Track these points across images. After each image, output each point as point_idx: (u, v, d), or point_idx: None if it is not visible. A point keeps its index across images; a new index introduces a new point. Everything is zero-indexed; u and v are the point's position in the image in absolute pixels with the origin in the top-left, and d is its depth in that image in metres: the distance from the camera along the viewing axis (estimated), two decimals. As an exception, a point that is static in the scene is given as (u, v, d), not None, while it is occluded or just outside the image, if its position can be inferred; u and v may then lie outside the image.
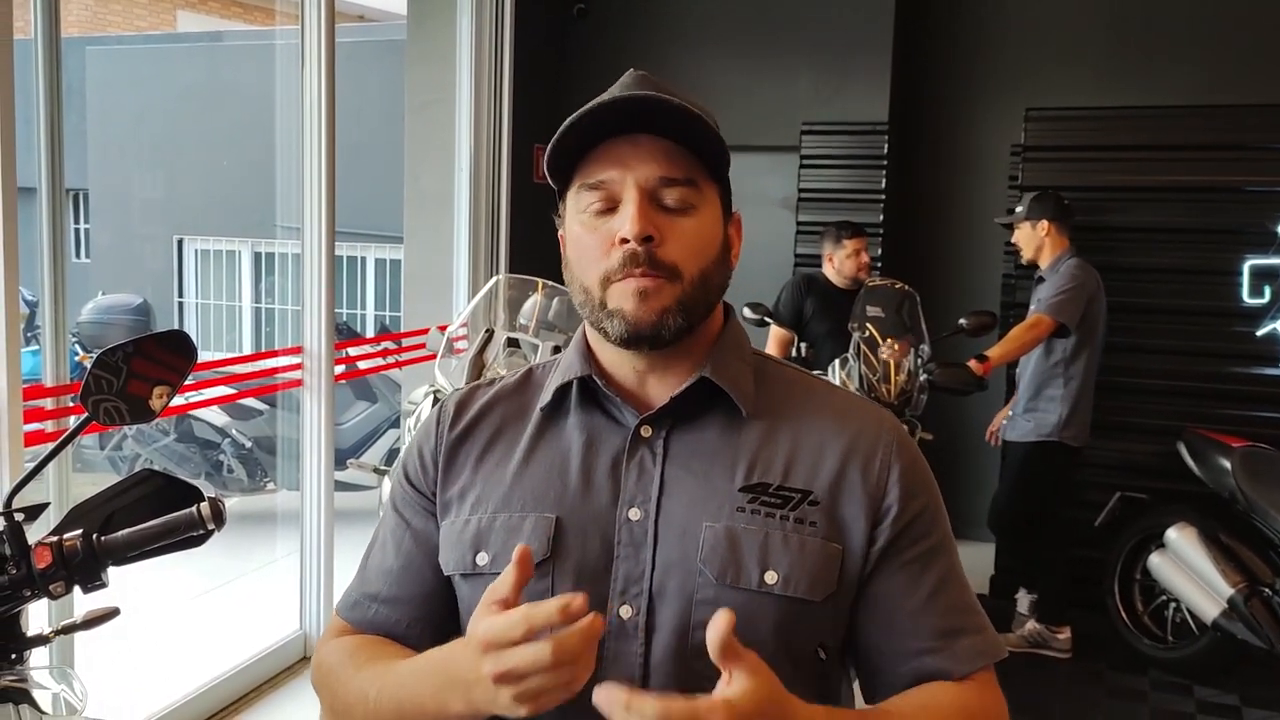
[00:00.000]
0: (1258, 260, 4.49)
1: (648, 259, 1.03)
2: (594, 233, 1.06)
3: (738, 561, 1.03)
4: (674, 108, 1.03)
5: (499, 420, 1.16)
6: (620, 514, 1.06)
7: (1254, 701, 3.96)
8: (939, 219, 5.51)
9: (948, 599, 1.07)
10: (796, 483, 1.06)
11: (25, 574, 1.30)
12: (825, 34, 5.26)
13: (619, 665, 1.03)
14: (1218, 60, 4.84)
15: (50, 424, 2.95)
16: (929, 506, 1.09)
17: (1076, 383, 4.19)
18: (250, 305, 8.48)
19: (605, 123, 1.05)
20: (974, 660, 1.06)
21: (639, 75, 1.10)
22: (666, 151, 1.05)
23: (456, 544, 1.11)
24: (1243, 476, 3.96)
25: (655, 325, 1.04)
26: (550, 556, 1.06)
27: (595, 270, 1.06)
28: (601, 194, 1.06)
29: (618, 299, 1.05)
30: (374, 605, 1.16)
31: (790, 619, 1.03)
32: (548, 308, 3.45)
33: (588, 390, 1.12)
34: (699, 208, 1.06)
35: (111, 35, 11.78)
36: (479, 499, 1.12)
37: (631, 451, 1.08)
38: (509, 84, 4.97)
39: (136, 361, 1.51)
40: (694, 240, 1.06)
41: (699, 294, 1.06)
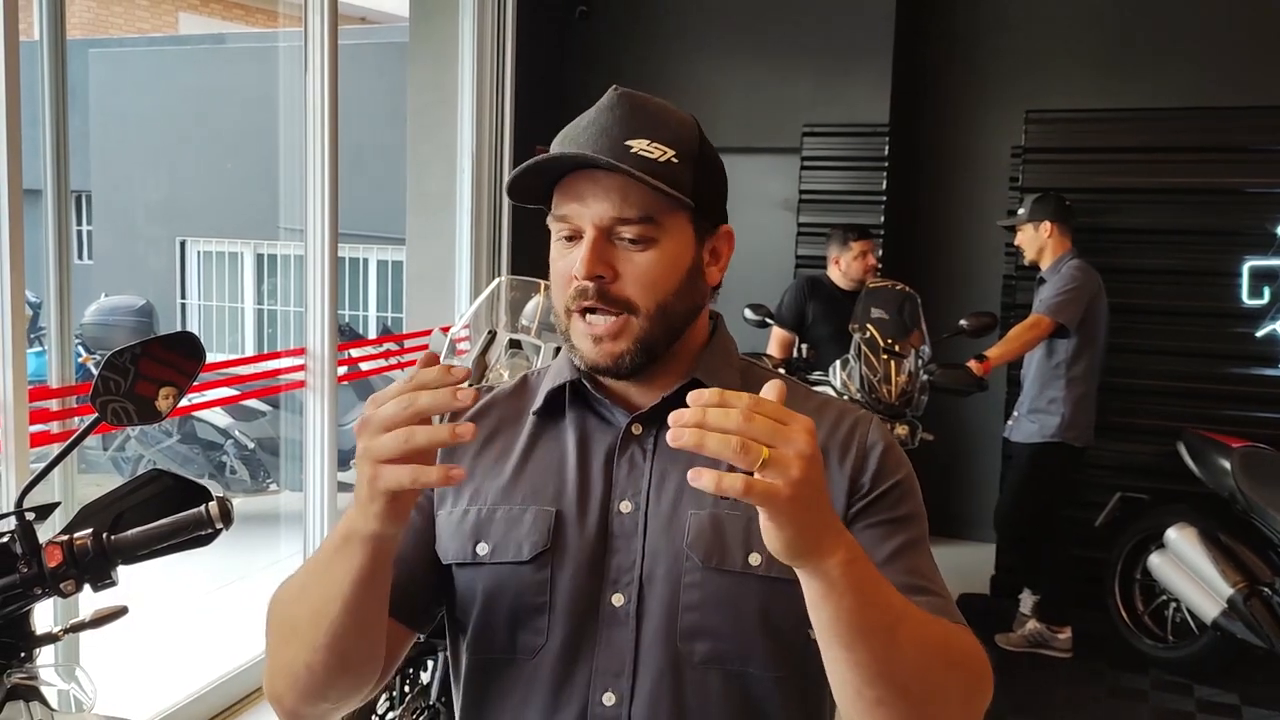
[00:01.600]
0: (1257, 261, 4.51)
1: (598, 294, 1.07)
2: (561, 261, 1.11)
3: (722, 545, 1.07)
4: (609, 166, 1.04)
5: (496, 420, 1.19)
6: (613, 507, 1.11)
7: (1254, 701, 3.97)
8: (940, 221, 5.52)
9: (912, 562, 1.08)
10: None
11: (36, 572, 1.32)
12: (826, 36, 5.27)
13: (611, 651, 1.08)
14: (1217, 62, 4.85)
15: (56, 425, 2.97)
16: (901, 484, 1.12)
17: (1079, 384, 4.21)
18: (253, 307, 8.50)
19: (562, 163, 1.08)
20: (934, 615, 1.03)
21: (618, 96, 1.12)
22: (622, 189, 1.06)
23: (455, 534, 1.14)
24: (1242, 477, 3.97)
25: (612, 367, 1.09)
26: (550, 548, 1.10)
27: (560, 297, 1.11)
28: (567, 226, 1.10)
29: (576, 336, 1.10)
30: None
31: (775, 600, 1.06)
32: (549, 309, 3.47)
33: (579, 393, 1.16)
34: (659, 240, 1.09)
35: (114, 38, 11.80)
36: (476, 491, 1.15)
37: (623, 448, 1.13)
38: (511, 86, 4.98)
39: (144, 363, 1.52)
40: (649, 274, 1.08)
41: (657, 327, 1.09)
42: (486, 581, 1.11)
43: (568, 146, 1.09)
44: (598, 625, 1.08)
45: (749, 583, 1.06)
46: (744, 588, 1.06)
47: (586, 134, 1.09)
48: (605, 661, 1.08)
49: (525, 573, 1.10)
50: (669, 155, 1.08)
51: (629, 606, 1.08)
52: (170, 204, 8.74)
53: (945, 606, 1.08)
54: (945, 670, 0.99)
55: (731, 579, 1.06)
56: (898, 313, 3.95)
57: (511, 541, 1.11)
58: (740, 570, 1.07)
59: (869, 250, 4.53)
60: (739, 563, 1.07)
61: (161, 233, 8.70)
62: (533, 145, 5.28)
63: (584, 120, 1.12)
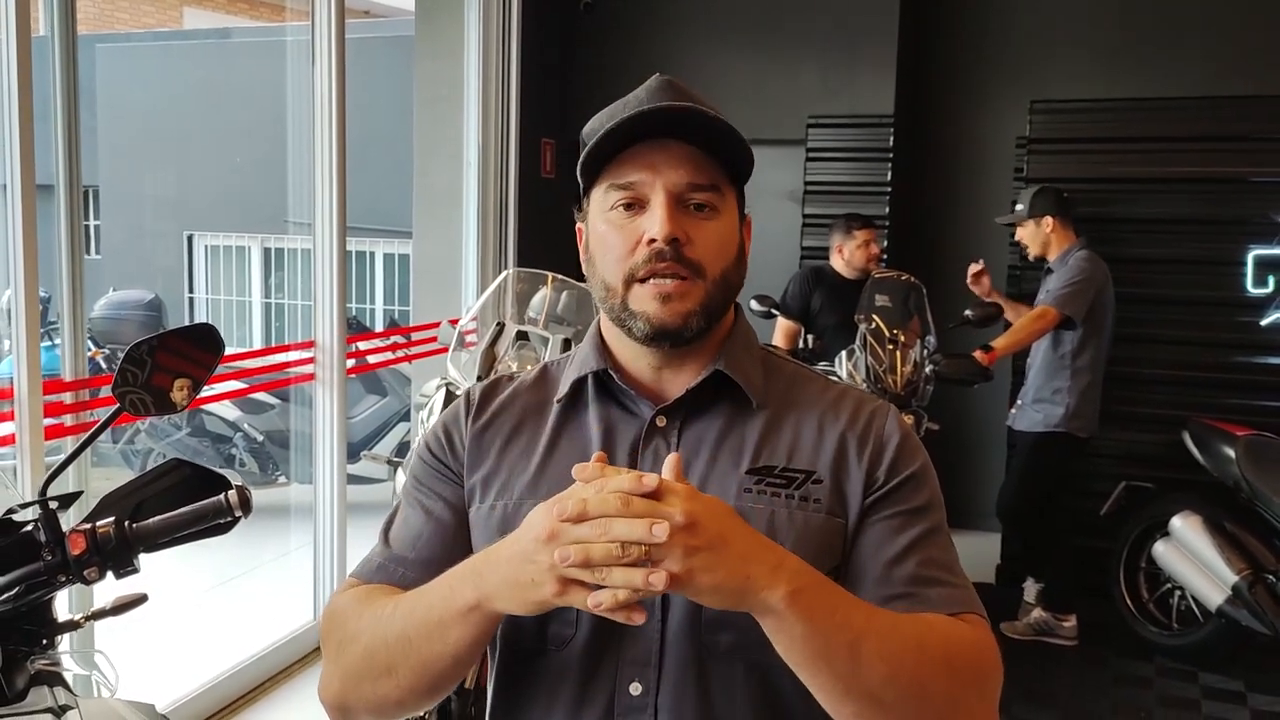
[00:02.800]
0: (1262, 250, 4.52)
1: (674, 256, 1.09)
2: (620, 231, 1.12)
3: None
4: (708, 120, 1.09)
5: (520, 413, 1.21)
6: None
7: (1259, 687, 3.99)
8: (945, 211, 5.54)
9: (927, 554, 1.10)
10: (800, 464, 1.12)
11: (61, 560, 1.34)
12: (831, 28, 5.28)
13: (637, 642, 1.09)
14: (1222, 51, 4.86)
15: (69, 418, 3.00)
16: (917, 473, 1.14)
17: (1085, 374, 4.22)
18: (260, 300, 8.53)
19: (638, 127, 1.10)
20: (946, 606, 1.07)
21: (664, 80, 1.15)
22: (694, 158, 1.10)
23: (485, 529, 1.16)
24: (1247, 465, 3.99)
25: (679, 327, 1.11)
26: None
27: (619, 268, 1.11)
28: (630, 195, 1.11)
29: (641, 300, 1.11)
30: (400, 569, 1.18)
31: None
32: (557, 301, 3.49)
33: (603, 383, 1.18)
34: (721, 211, 1.12)
35: (121, 33, 11.83)
36: (504, 486, 1.17)
37: (647, 440, 1.14)
38: (516, 79, 5.00)
39: (160, 354, 1.55)
40: (717, 241, 1.12)
41: (719, 293, 1.13)
42: None
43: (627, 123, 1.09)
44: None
45: None
46: None
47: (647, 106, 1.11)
48: (632, 652, 1.09)
49: None
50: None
51: (655, 598, 1.06)
52: (177, 199, 8.78)
53: (962, 596, 1.09)
54: (922, 671, 0.99)
55: None
56: (903, 303, 3.97)
57: None
58: None
59: (872, 239, 4.55)
60: None
61: (169, 227, 8.73)
62: (540, 140, 5.30)
63: (632, 101, 1.14)
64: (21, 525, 1.39)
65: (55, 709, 1.35)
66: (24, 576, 1.34)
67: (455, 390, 3.07)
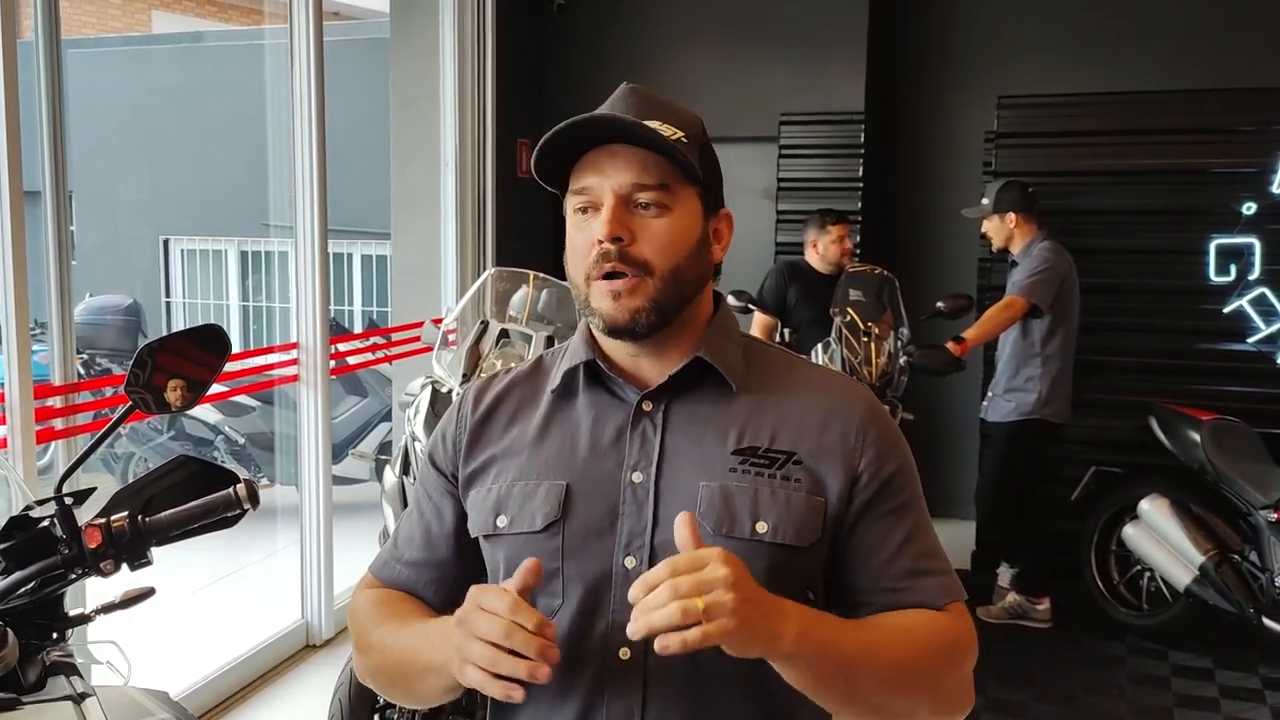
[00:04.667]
0: (1223, 239, 4.65)
1: (619, 256, 1.16)
2: (580, 233, 1.20)
3: (732, 514, 1.16)
4: (636, 134, 1.15)
5: (516, 403, 1.29)
6: (624, 477, 1.20)
7: (1226, 664, 4.11)
8: (916, 205, 5.63)
9: (917, 546, 1.21)
10: (782, 445, 1.20)
11: (78, 553, 1.39)
12: (802, 26, 5.36)
13: (625, 610, 1.14)
14: (1183, 46, 4.98)
15: (59, 421, 3.03)
16: (901, 467, 1.22)
17: (1055, 361, 4.32)
18: (238, 304, 8.53)
19: (588, 135, 1.17)
20: (942, 596, 1.20)
21: (629, 89, 1.24)
22: (641, 159, 1.17)
23: (481, 510, 1.26)
24: (1211, 448, 4.10)
25: (629, 322, 1.18)
26: (561, 517, 1.20)
27: (580, 268, 1.19)
28: (585, 199, 1.19)
29: (597, 299, 1.18)
30: (398, 566, 1.33)
31: (780, 564, 1.16)
32: (538, 299, 3.55)
33: (592, 373, 1.25)
34: (672, 209, 1.18)
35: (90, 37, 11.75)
36: (500, 470, 1.26)
37: (634, 423, 1.22)
38: (492, 80, 5.05)
39: (160, 355, 1.60)
40: (664, 238, 1.18)
41: (670, 289, 1.18)
42: (507, 551, 1.22)
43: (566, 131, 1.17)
44: (613, 585, 1.17)
45: (756, 548, 1.15)
46: (751, 553, 1.14)
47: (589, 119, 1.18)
48: (620, 619, 1.15)
49: (539, 541, 1.19)
50: (680, 135, 1.18)
51: (641, 568, 1.16)
52: (153, 203, 8.74)
53: (949, 584, 1.21)
54: (908, 674, 1.14)
55: (740, 545, 1.14)
56: (876, 296, 4.05)
57: (526, 513, 1.21)
58: (749, 537, 1.16)
59: (845, 234, 4.63)
60: (747, 530, 1.16)
61: (144, 232, 8.71)
62: (516, 140, 5.35)
63: (597, 111, 1.20)
64: (38, 521, 1.44)
65: (75, 696, 1.40)
66: (42, 570, 1.39)
67: (440, 388, 3.13)
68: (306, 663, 4.04)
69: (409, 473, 3.03)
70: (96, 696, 1.42)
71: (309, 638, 4.16)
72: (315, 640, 4.16)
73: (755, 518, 1.16)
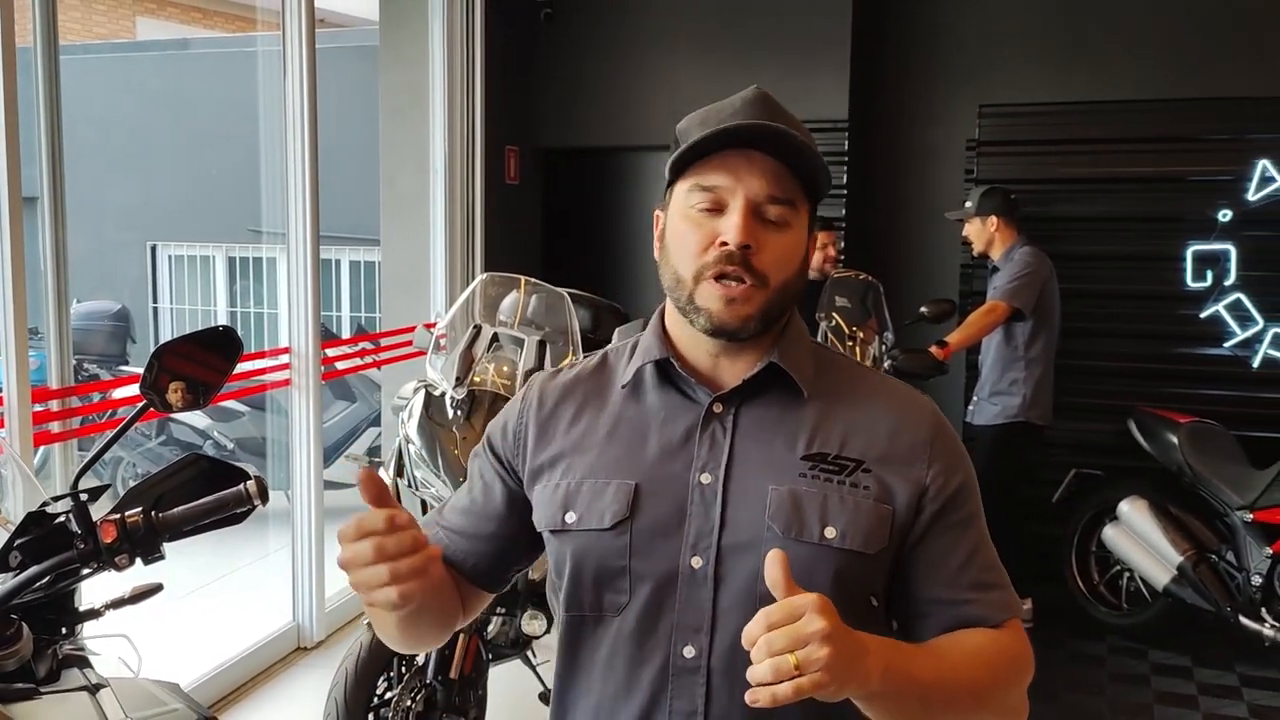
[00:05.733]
0: (1200, 246, 4.74)
1: (742, 262, 1.17)
2: (697, 229, 1.19)
3: (801, 518, 1.17)
4: (797, 142, 1.18)
5: (582, 397, 1.30)
6: (693, 478, 1.21)
7: (1205, 662, 4.19)
8: (899, 212, 5.69)
9: (983, 558, 1.24)
10: (851, 453, 1.21)
11: (93, 548, 1.44)
12: (786, 34, 5.42)
13: (691, 609, 1.19)
14: (1162, 57, 5.06)
15: (56, 425, 3.06)
16: (966, 480, 1.25)
17: (1038, 365, 4.39)
18: (225, 309, 8.53)
19: (727, 138, 1.19)
20: (1004, 611, 1.22)
21: (760, 93, 1.24)
22: (775, 171, 1.18)
23: (548, 505, 1.26)
24: (1189, 451, 4.18)
25: (737, 328, 1.20)
26: (629, 516, 1.21)
27: (691, 263, 1.20)
28: (711, 196, 1.19)
29: (706, 298, 1.19)
30: (438, 529, 1.35)
31: (846, 570, 1.17)
32: (529, 304, 3.60)
33: (663, 371, 1.27)
34: (793, 225, 1.20)
35: (77, 44, 11.73)
36: (568, 467, 1.27)
37: (705, 425, 1.23)
38: (481, 86, 5.09)
39: (167, 357, 1.64)
40: (784, 253, 1.20)
41: (778, 301, 1.21)
42: (574, 547, 1.23)
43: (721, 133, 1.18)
44: (679, 585, 1.19)
45: (824, 553, 1.16)
46: (819, 557, 1.16)
47: (738, 119, 1.19)
48: (685, 618, 1.18)
49: (607, 539, 1.21)
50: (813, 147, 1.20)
51: (707, 569, 1.18)
52: (141, 209, 8.74)
53: (1009, 599, 1.24)
54: (981, 697, 1.17)
55: (808, 549, 1.16)
56: (861, 301, 4.12)
57: (595, 511, 1.22)
58: (817, 542, 1.17)
59: (831, 241, 4.70)
60: (816, 535, 1.17)
61: (132, 238, 8.71)
62: (504, 146, 5.40)
63: (727, 108, 1.23)
64: (54, 518, 1.48)
65: (90, 687, 1.44)
66: (58, 564, 1.44)
67: (433, 392, 3.17)
68: (298, 665, 4.08)
69: (403, 475, 3.07)
70: (111, 687, 1.46)
71: (300, 640, 4.19)
72: (307, 642, 4.19)
73: (824, 523, 1.17)
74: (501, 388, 3.12)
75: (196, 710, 1.50)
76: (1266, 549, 3.90)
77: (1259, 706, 3.86)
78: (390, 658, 2.90)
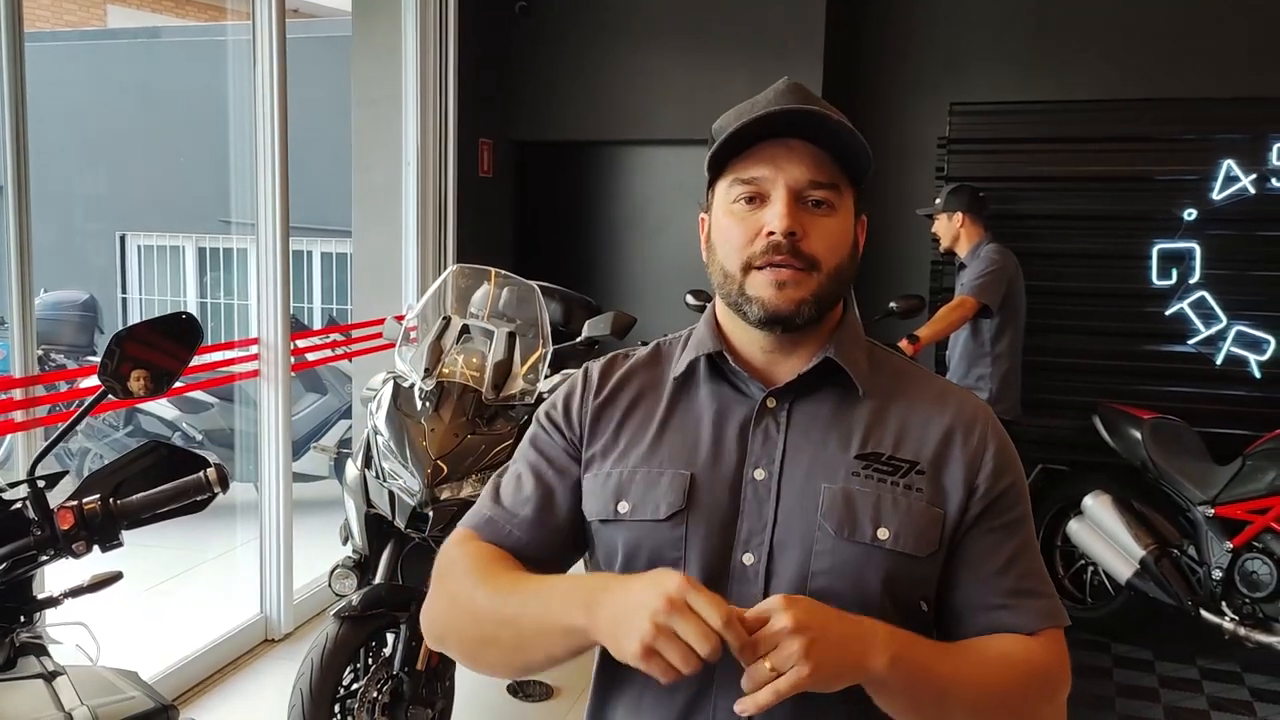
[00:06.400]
0: (1165, 244, 4.79)
1: (790, 250, 1.16)
2: (742, 222, 1.19)
3: (853, 518, 1.16)
4: (831, 122, 1.17)
5: (637, 388, 1.29)
6: (747, 474, 1.20)
7: (1166, 655, 4.25)
8: (870, 208, 5.69)
9: (1024, 565, 1.21)
10: (905, 454, 1.20)
11: (50, 535, 1.43)
12: (760, 31, 5.43)
13: (740, 605, 1.11)
14: (1129, 57, 5.11)
15: (19, 414, 3.04)
16: (1015, 484, 1.23)
17: (1004, 360, 4.43)
18: (195, 300, 8.47)
19: (762, 128, 1.18)
20: (1042, 619, 1.19)
21: (792, 83, 1.23)
22: (815, 157, 1.18)
23: (600, 494, 1.24)
24: (1152, 446, 4.23)
25: (791, 313, 1.18)
26: (685, 508, 1.19)
27: (738, 256, 1.19)
28: (752, 189, 1.18)
29: (757, 287, 1.18)
30: (509, 526, 1.27)
31: (897, 572, 1.16)
32: (499, 297, 3.60)
33: (716, 365, 1.25)
34: (838, 209, 1.20)
35: (45, 31, 11.61)
36: (621, 455, 1.25)
37: (758, 420, 1.22)
38: (454, 79, 5.08)
39: (129, 344, 1.63)
40: (832, 237, 1.19)
41: (832, 285, 1.20)
42: (627, 537, 1.21)
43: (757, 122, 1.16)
44: (729, 581, 1.17)
45: (875, 554, 1.15)
46: (870, 558, 1.15)
47: (774, 107, 1.17)
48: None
49: (662, 530, 1.19)
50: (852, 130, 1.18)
51: (758, 566, 1.17)
52: (109, 198, 8.67)
53: (1051, 608, 1.21)
54: (1003, 705, 1.14)
55: (860, 549, 1.15)
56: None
57: (650, 501, 1.20)
58: (870, 543, 1.15)
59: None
60: (868, 535, 1.15)
61: (100, 227, 8.63)
62: (478, 139, 5.39)
63: (762, 100, 1.21)
64: (10, 504, 1.47)
65: (46, 675, 1.44)
66: (14, 551, 1.43)
67: (402, 383, 3.16)
68: (265, 656, 4.06)
69: (370, 465, 3.07)
70: (67, 675, 1.46)
71: (268, 632, 4.17)
72: (274, 634, 4.17)
73: (877, 524, 1.16)
74: (470, 379, 3.12)
75: (154, 699, 1.50)
76: (1227, 543, 3.95)
77: (1219, 699, 3.91)
78: (357, 649, 2.90)
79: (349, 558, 3.14)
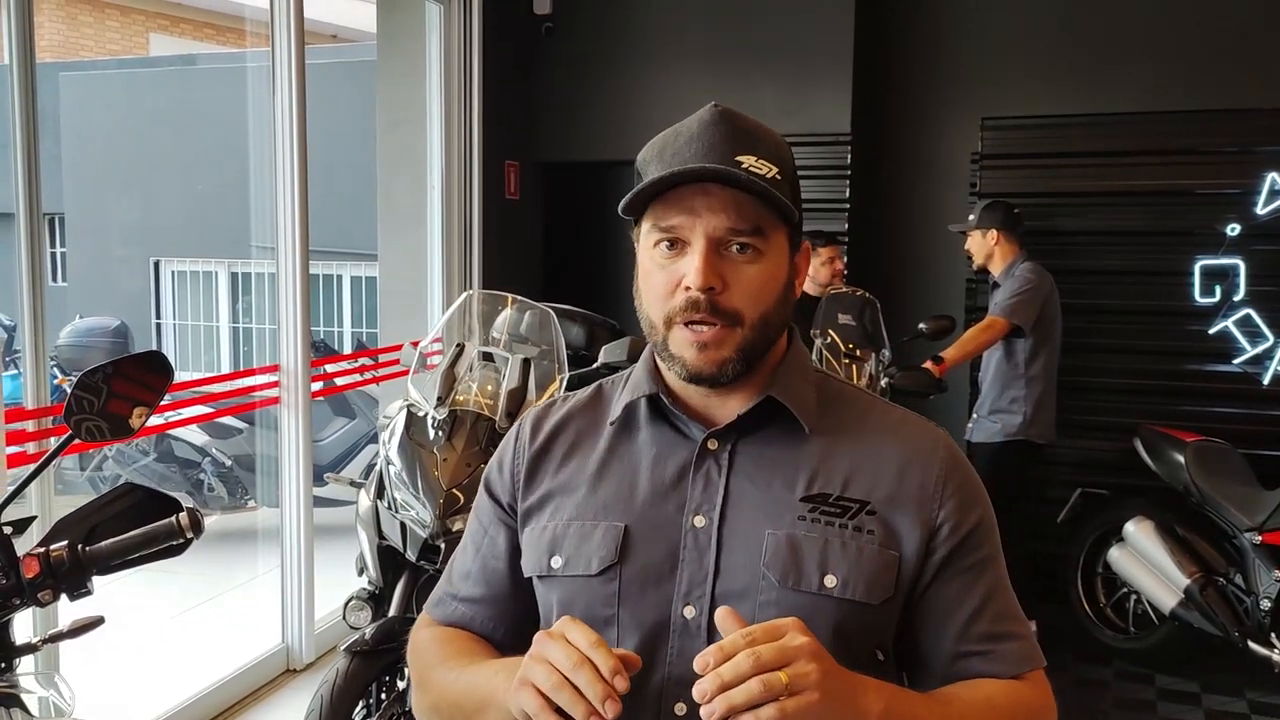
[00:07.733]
0: (1208, 261, 4.64)
1: (709, 306, 1.09)
2: (661, 271, 1.11)
3: (799, 566, 1.09)
4: (744, 181, 1.08)
5: (574, 434, 1.23)
6: (686, 521, 1.13)
7: (1214, 688, 4.08)
8: (902, 226, 5.63)
9: (997, 607, 1.14)
10: (855, 494, 1.12)
11: (15, 583, 1.38)
12: (787, 48, 5.37)
13: (683, 661, 1.08)
14: (1167, 67, 4.98)
15: (32, 446, 3.02)
16: (982, 520, 1.15)
17: (1039, 382, 4.31)
18: (228, 325, 8.53)
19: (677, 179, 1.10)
20: (1020, 664, 1.13)
21: (717, 113, 1.15)
22: (736, 202, 1.09)
23: (535, 548, 1.19)
24: (1196, 470, 4.08)
25: (714, 374, 1.11)
26: (618, 561, 1.13)
27: (660, 308, 1.12)
28: (671, 237, 1.10)
29: (678, 345, 1.11)
30: (454, 603, 1.27)
31: (848, 621, 1.09)
32: (519, 321, 3.54)
33: (655, 407, 1.18)
34: (765, 253, 1.11)
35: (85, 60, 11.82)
36: (557, 507, 1.19)
37: (698, 464, 1.14)
38: (478, 101, 5.06)
39: (116, 382, 1.59)
40: (756, 286, 1.10)
41: (758, 337, 1.12)
42: (560, 594, 1.16)
43: (674, 163, 1.10)
44: (669, 636, 1.10)
45: (824, 604, 1.08)
46: (819, 608, 1.07)
47: (693, 149, 1.11)
48: (677, 672, 1.08)
49: (595, 585, 1.13)
50: (774, 172, 1.10)
51: (700, 619, 1.09)
52: (144, 224, 8.78)
53: (1028, 651, 1.14)
54: None
55: (807, 599, 1.08)
56: (858, 318, 4.04)
57: (582, 555, 1.14)
58: (816, 591, 1.08)
59: (836, 255, 4.64)
60: (815, 584, 1.08)
61: (135, 253, 8.73)
62: (503, 161, 5.36)
63: (684, 134, 1.14)
64: (-24, 550, 1.42)
65: (14, 729, 1.38)
66: (-22, 600, 1.38)
67: (416, 411, 3.11)
68: (287, 687, 4.02)
69: (383, 497, 3.01)
70: (37, 729, 1.41)
71: (289, 662, 4.13)
72: (296, 665, 4.13)
73: (824, 570, 1.08)
74: (484, 408, 3.06)
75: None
76: (1276, 572, 3.79)
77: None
78: (369, 684, 2.84)
79: (364, 589, 3.09)
